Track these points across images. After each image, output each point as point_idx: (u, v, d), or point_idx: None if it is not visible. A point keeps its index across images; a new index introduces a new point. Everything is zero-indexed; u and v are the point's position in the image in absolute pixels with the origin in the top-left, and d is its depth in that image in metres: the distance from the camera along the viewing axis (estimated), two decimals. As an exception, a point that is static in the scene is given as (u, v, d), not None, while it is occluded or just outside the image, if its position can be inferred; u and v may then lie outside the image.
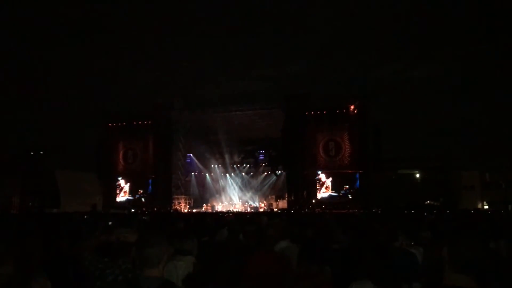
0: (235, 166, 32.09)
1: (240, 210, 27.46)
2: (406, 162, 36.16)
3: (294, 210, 24.88)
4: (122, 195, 29.93)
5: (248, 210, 27.96)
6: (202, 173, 32.20)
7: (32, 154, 37.70)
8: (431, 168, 36.14)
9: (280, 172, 30.59)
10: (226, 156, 32.00)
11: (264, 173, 31.68)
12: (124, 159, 30.52)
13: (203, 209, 29.47)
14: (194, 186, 32.24)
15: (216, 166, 31.84)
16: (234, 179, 31.84)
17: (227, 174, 31.87)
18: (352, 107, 26.75)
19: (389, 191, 31.76)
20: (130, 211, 26.28)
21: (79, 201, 29.56)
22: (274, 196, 30.66)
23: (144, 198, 29.68)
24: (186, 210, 29.52)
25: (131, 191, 29.85)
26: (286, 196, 28.87)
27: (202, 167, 31.94)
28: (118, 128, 30.97)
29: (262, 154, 31.96)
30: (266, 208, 28.78)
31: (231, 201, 30.83)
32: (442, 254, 1.99)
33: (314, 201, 26.73)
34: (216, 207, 29.52)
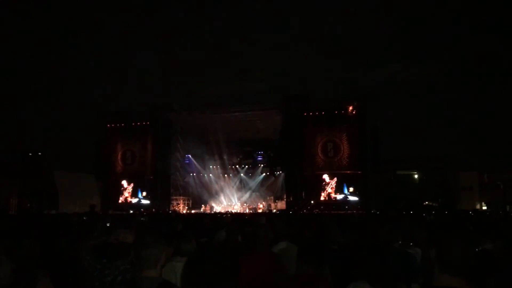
0: (234, 167, 32.07)
1: (238, 211, 27.44)
2: (404, 163, 36.19)
3: (292, 211, 24.87)
4: (127, 195, 29.76)
5: (246, 211, 27.95)
6: (201, 174, 32.14)
7: (30, 155, 37.69)
8: (430, 169, 36.18)
9: (278, 173, 30.58)
10: (225, 157, 31.99)
11: (262, 174, 31.66)
12: (122, 160, 30.42)
13: (202, 210, 29.43)
14: (192, 187, 32.14)
15: (214, 167, 31.79)
16: (233, 180, 31.83)
17: (226, 175, 31.87)
18: (350, 108, 26.76)
19: (387, 192, 31.80)
20: (129, 212, 26.23)
21: (78, 202, 29.48)
22: (272, 197, 30.61)
23: (147, 199, 29.60)
24: (185, 211, 29.47)
25: (134, 193, 29.71)
26: (285, 197, 28.86)
27: (200, 168, 31.88)
28: (117, 129, 30.86)
29: (261, 155, 31.94)
30: (264, 209, 28.78)
31: (230, 202, 30.79)
32: (431, 255, 1.96)
33: (312, 202, 26.71)
34: (214, 208, 29.47)
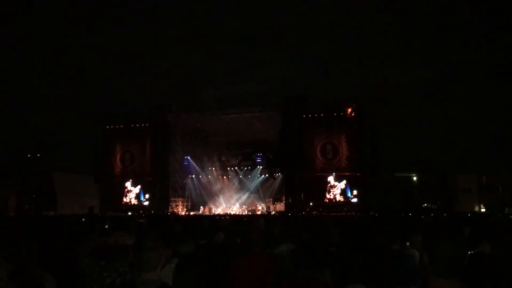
0: (233, 168, 32.05)
1: (237, 213, 27.42)
2: (403, 165, 36.17)
3: (291, 213, 24.87)
4: (131, 197, 29.70)
5: (245, 212, 27.93)
6: (200, 175, 32.10)
7: (29, 156, 37.57)
8: (428, 171, 36.16)
9: (277, 174, 30.58)
10: (224, 158, 31.99)
11: (261, 175, 31.65)
12: (121, 162, 30.40)
13: (201, 211, 29.40)
14: (191, 188, 32.10)
15: (213, 168, 31.76)
16: (232, 182, 31.81)
17: (225, 177, 31.84)
18: (349, 110, 26.80)
19: (386, 194, 31.78)
20: (127, 214, 26.18)
21: (76, 203, 29.41)
22: (271, 198, 30.61)
23: (146, 201, 29.57)
24: (184, 213, 29.43)
25: (138, 195, 29.67)
26: (284, 198, 28.85)
27: (199, 170, 31.85)
28: (116, 130, 30.84)
29: (260, 156, 31.92)
30: (263, 210, 28.77)
31: (229, 203, 30.76)
32: (424, 258, 1.91)
33: (311, 203, 26.73)
34: (213, 210, 29.44)
